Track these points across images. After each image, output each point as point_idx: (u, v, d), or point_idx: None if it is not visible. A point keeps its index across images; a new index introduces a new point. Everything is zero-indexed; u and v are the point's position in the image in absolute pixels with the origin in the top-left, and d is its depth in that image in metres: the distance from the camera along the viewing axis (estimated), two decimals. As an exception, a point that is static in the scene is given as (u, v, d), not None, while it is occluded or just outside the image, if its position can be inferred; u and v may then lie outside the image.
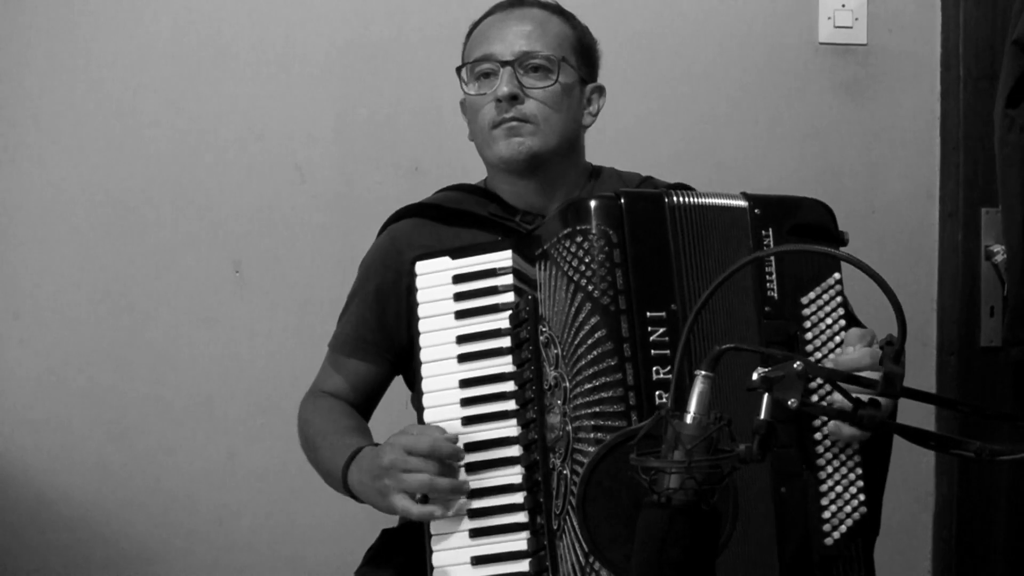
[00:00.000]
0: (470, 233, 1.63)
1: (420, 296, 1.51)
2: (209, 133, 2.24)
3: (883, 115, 2.39)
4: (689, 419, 1.04)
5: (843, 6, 2.35)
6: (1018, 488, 2.33)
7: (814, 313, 1.41)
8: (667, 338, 1.35)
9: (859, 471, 1.39)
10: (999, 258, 2.30)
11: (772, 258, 1.41)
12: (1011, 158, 2.03)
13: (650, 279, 1.37)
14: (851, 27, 2.36)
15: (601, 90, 1.72)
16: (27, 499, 2.21)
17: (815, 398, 1.36)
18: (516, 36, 1.62)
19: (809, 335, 1.41)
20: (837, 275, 1.42)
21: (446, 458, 1.41)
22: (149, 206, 2.23)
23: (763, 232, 1.43)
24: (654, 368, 1.33)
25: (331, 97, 2.27)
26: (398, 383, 1.73)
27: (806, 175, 2.35)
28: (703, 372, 1.06)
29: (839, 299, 1.42)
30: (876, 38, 2.37)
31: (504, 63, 1.61)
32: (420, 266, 1.52)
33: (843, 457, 1.39)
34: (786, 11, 2.36)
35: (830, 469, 1.38)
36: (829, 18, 2.36)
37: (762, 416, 1.05)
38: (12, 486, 2.21)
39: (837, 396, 1.16)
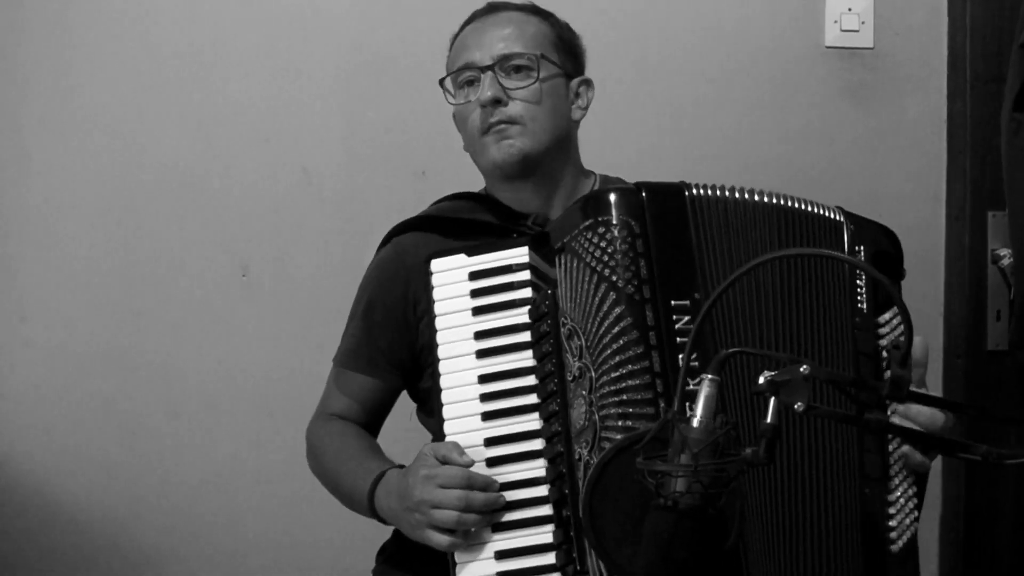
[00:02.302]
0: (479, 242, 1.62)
1: (436, 294, 1.50)
2: (217, 136, 2.24)
3: (889, 118, 2.38)
4: (695, 423, 1.04)
5: (849, 10, 2.35)
6: (1025, 491, 2.33)
7: (887, 335, 1.42)
8: (691, 326, 1.34)
9: (915, 488, 1.42)
10: (1006, 262, 2.30)
11: (863, 272, 1.43)
12: (1018, 161, 2.03)
13: (673, 268, 1.37)
14: (857, 31, 2.36)
15: (588, 83, 1.73)
16: (33, 502, 2.21)
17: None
18: (494, 40, 1.64)
19: (885, 353, 1.42)
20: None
21: (479, 489, 1.40)
22: (156, 209, 2.24)
23: (856, 248, 1.46)
24: (680, 355, 1.33)
25: (339, 100, 2.27)
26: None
27: (812, 178, 2.35)
28: (709, 376, 1.06)
29: (902, 327, 1.43)
30: (883, 42, 2.37)
31: (484, 68, 1.62)
32: (436, 263, 1.52)
33: (905, 472, 1.41)
34: (792, 15, 2.35)
35: (897, 480, 1.41)
36: (835, 22, 2.35)
37: (769, 420, 1.05)
38: (18, 489, 2.21)
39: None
